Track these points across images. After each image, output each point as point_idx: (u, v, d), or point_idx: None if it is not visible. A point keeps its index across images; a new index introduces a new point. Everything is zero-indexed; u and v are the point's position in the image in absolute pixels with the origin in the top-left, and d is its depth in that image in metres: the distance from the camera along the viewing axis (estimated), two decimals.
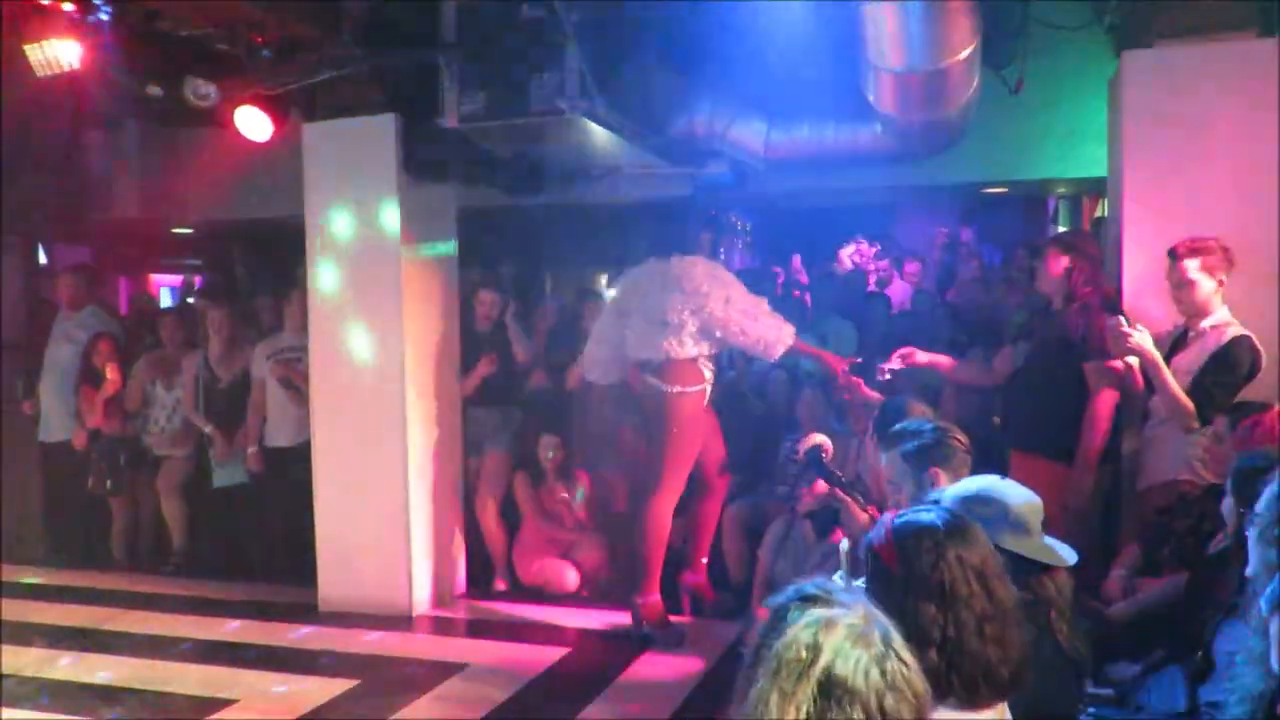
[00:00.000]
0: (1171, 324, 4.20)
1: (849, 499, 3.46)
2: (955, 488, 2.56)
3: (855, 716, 1.30)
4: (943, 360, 4.91)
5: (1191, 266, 3.96)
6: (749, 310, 4.96)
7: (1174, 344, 4.08)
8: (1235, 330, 3.94)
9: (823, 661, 1.32)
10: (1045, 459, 4.29)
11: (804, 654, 1.33)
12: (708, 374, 5.07)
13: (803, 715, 1.31)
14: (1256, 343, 3.90)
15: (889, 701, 1.32)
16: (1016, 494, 2.43)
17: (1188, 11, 4.38)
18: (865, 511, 3.39)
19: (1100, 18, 4.81)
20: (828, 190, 6.73)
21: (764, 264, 10.13)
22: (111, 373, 6.76)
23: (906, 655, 1.38)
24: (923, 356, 4.76)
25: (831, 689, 1.31)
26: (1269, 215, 4.26)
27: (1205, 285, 3.96)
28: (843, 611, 1.38)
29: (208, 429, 6.65)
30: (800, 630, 1.36)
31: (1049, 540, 2.40)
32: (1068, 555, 2.38)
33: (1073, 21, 4.90)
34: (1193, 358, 3.97)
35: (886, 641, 1.37)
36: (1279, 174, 4.27)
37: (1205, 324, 4.00)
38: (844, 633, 1.35)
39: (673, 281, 4.97)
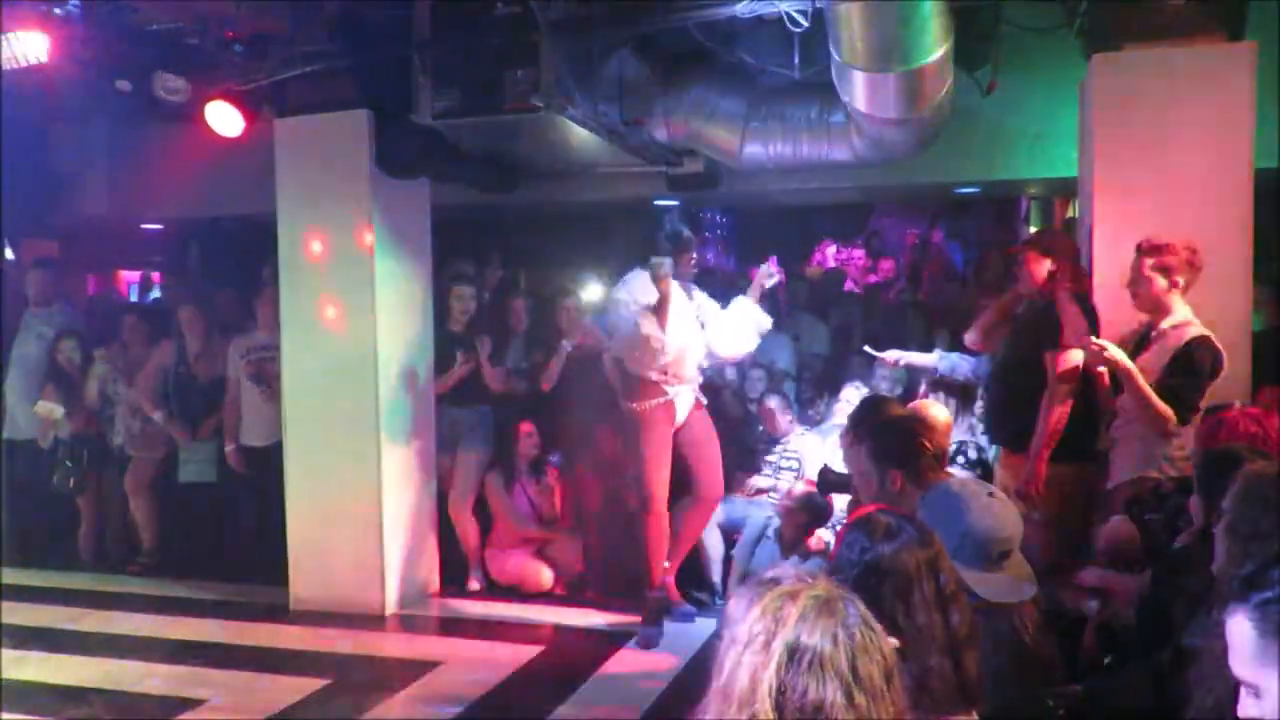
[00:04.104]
0: (1138, 323, 4.23)
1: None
2: (933, 495, 2.50)
3: (828, 681, 1.32)
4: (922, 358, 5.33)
5: (1146, 264, 3.99)
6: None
7: (1138, 343, 4.11)
8: (1195, 331, 3.94)
9: (788, 630, 1.35)
10: (1018, 454, 4.32)
11: (771, 625, 1.36)
12: (671, 390, 5.10)
13: (774, 684, 1.33)
14: (1216, 343, 3.91)
15: (860, 664, 1.35)
16: (983, 514, 2.31)
17: (1157, 15, 4.42)
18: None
19: (1071, 21, 4.85)
20: (802, 190, 6.74)
21: (739, 264, 10.18)
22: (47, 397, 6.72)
23: (871, 620, 1.40)
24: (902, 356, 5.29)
25: (800, 656, 1.34)
26: (1237, 217, 4.31)
27: (1158, 283, 3.97)
28: (806, 585, 1.41)
29: (156, 415, 6.58)
30: (765, 604, 1.39)
31: (1012, 564, 2.33)
32: (1017, 591, 2.31)
33: (1044, 24, 4.94)
34: (1154, 357, 3.99)
35: (851, 608, 1.39)
36: (1246, 176, 4.33)
37: (1166, 324, 4.01)
38: (808, 603, 1.38)
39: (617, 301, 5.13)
